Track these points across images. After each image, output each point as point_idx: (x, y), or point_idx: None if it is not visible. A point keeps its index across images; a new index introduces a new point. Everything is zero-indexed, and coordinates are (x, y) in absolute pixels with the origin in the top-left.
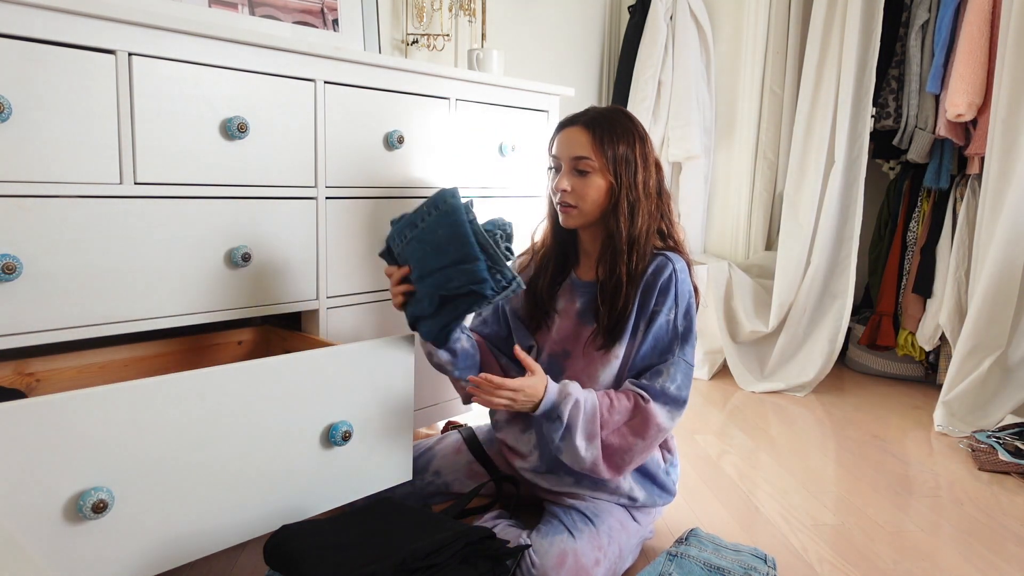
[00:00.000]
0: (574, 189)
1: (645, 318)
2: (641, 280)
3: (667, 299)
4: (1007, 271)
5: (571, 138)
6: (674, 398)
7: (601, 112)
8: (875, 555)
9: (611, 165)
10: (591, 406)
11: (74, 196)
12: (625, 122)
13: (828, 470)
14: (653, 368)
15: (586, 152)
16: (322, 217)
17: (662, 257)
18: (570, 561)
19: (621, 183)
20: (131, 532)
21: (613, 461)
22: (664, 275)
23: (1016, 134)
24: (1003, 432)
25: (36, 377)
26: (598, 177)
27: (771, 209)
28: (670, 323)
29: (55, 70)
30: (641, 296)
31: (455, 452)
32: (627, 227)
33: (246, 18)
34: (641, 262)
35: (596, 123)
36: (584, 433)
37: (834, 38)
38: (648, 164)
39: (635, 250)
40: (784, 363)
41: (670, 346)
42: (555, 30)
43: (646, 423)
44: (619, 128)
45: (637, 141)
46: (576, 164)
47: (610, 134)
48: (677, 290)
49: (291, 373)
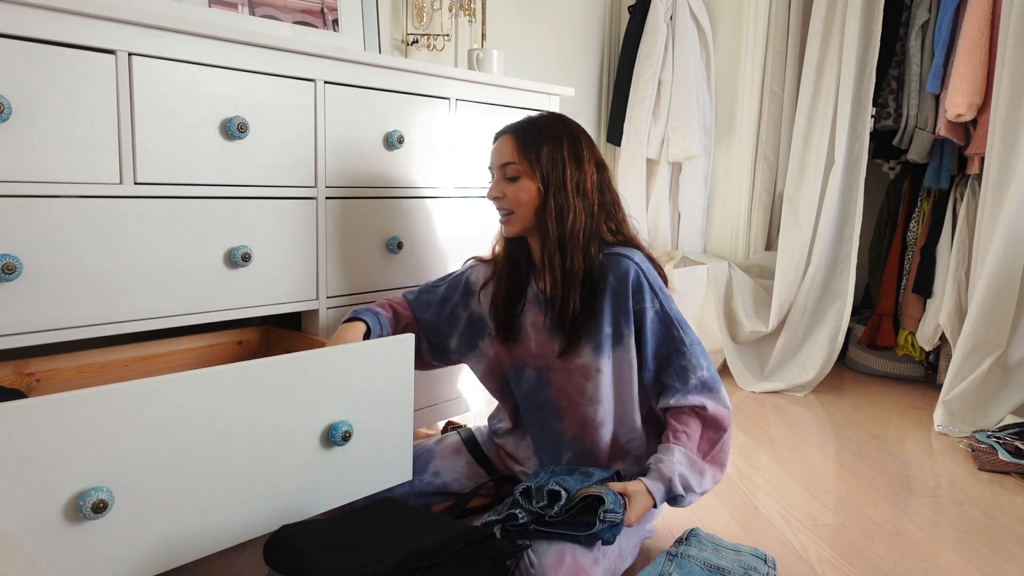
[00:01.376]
0: (505, 195)
1: (628, 323)
2: (584, 280)
3: (644, 294)
4: (1007, 271)
5: (500, 146)
6: (711, 381)
7: (530, 118)
8: (875, 555)
9: (537, 167)
10: (686, 460)
11: (74, 196)
12: (554, 124)
13: (828, 470)
14: (674, 365)
15: (511, 157)
16: (322, 217)
17: (619, 257)
18: (568, 560)
19: (549, 184)
20: (131, 532)
21: (718, 465)
22: (631, 274)
23: (1016, 134)
24: (1003, 432)
25: (36, 377)
26: (527, 181)
27: (771, 209)
28: (659, 313)
29: (55, 70)
30: (613, 300)
31: (454, 452)
32: (555, 227)
33: (246, 18)
34: (578, 262)
35: (522, 128)
36: (698, 482)
37: (834, 38)
38: (582, 163)
39: (568, 250)
40: (784, 363)
41: (671, 333)
42: (555, 30)
43: (718, 424)
44: (545, 130)
45: (566, 141)
46: (505, 171)
47: (534, 137)
48: (649, 281)
49: (291, 373)
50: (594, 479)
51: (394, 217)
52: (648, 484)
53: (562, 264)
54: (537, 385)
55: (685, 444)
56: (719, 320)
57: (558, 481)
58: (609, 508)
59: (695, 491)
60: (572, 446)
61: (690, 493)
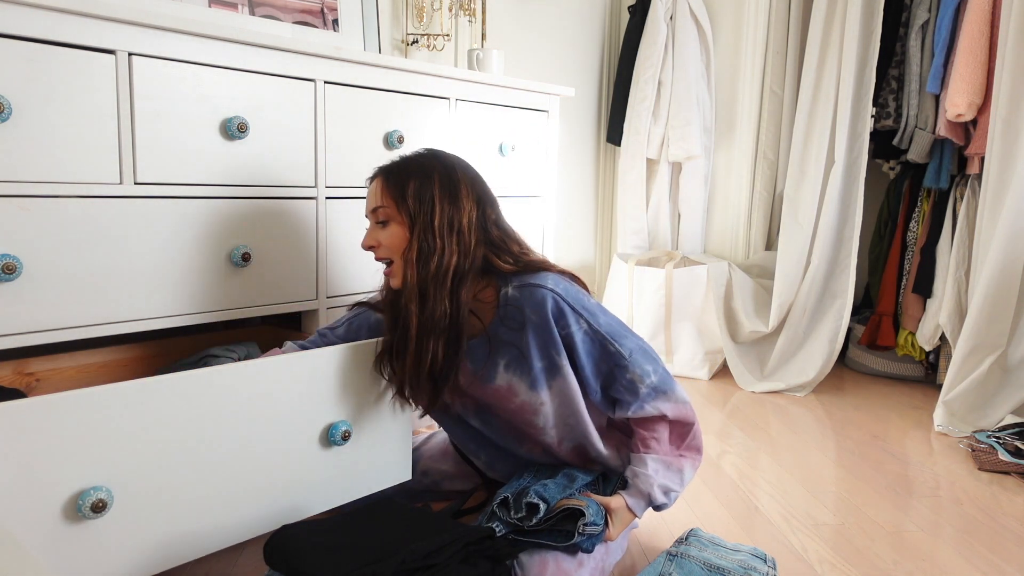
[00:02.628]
0: (380, 243)
1: (559, 351)
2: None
3: (567, 318)
4: (1007, 271)
5: (371, 190)
6: (662, 384)
7: (402, 157)
8: (875, 555)
9: (403, 208)
10: (661, 466)
11: (74, 196)
12: (424, 160)
13: (828, 470)
14: (620, 381)
15: (380, 200)
16: (322, 217)
17: (530, 288)
18: (552, 567)
19: (414, 226)
20: (131, 532)
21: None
22: (548, 303)
23: (1016, 134)
24: (1003, 432)
25: (36, 377)
26: (396, 223)
27: (771, 209)
28: (588, 333)
29: (55, 70)
30: (536, 333)
31: (442, 453)
32: (415, 271)
33: (246, 18)
34: (442, 307)
35: (391, 168)
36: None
37: (834, 38)
38: (457, 199)
39: (430, 295)
40: (784, 363)
41: (607, 349)
42: (555, 30)
43: (683, 422)
44: (413, 167)
45: (436, 177)
46: (376, 215)
47: (401, 174)
48: (569, 304)
49: (291, 373)
50: (577, 483)
51: None
52: (628, 501)
53: (419, 311)
54: (482, 423)
55: (656, 449)
56: (719, 320)
57: (537, 491)
58: (590, 521)
59: (677, 490)
60: (543, 458)
61: (672, 494)
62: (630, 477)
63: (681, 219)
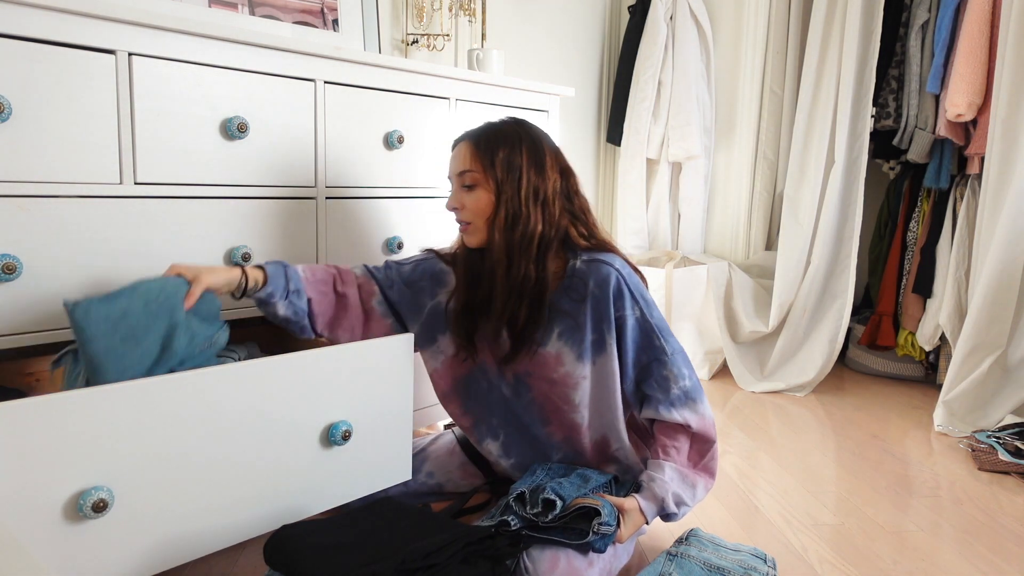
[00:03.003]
0: (464, 205)
1: (610, 329)
2: (534, 291)
3: (624, 300)
4: (1007, 271)
5: (457, 154)
6: (693, 391)
7: (489, 123)
8: (875, 555)
9: (491, 174)
10: (677, 476)
11: (74, 196)
12: (512, 128)
13: (828, 470)
14: (655, 375)
15: (468, 164)
16: (322, 217)
17: (599, 263)
18: (563, 564)
19: (501, 191)
20: (131, 531)
21: (708, 473)
22: (611, 280)
23: (1016, 134)
24: (1003, 432)
25: (36, 377)
26: (483, 188)
27: (771, 209)
28: (640, 321)
29: (55, 70)
30: (594, 307)
31: (448, 453)
32: (503, 235)
33: (246, 18)
34: (529, 271)
35: (479, 134)
36: (691, 496)
37: (834, 38)
38: (543, 169)
39: (516, 260)
40: (784, 363)
41: (651, 342)
42: (555, 30)
43: (705, 437)
44: (502, 135)
45: (524, 147)
46: (463, 179)
47: (490, 142)
48: (630, 287)
49: (291, 373)
50: (591, 484)
51: (394, 217)
52: (642, 503)
53: (507, 275)
54: (514, 393)
55: (675, 459)
56: (719, 320)
57: (554, 488)
58: (604, 521)
59: (688, 505)
60: (561, 447)
61: (683, 507)
62: (645, 481)
63: (681, 219)
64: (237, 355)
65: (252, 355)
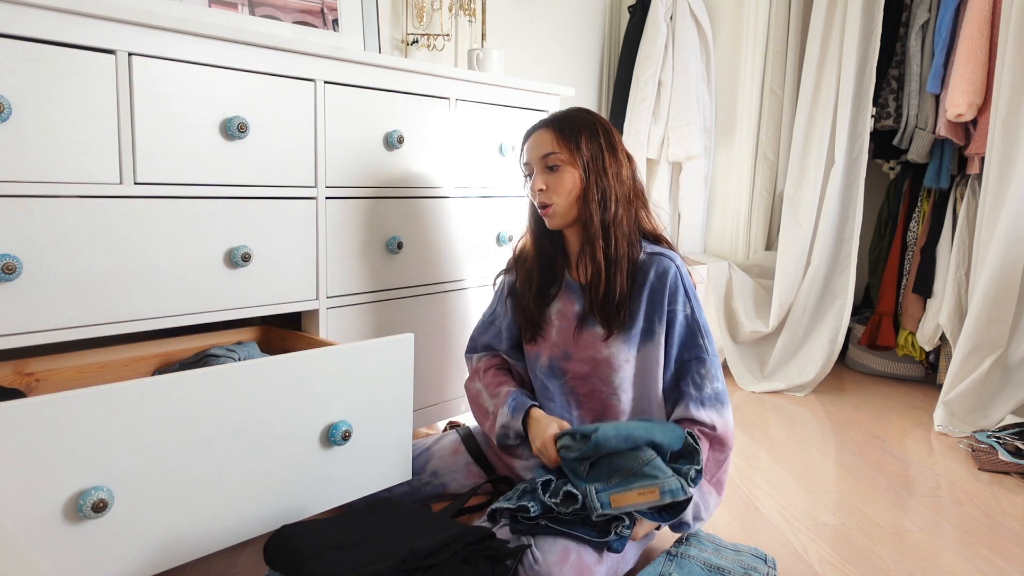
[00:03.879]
0: (548, 186)
1: (661, 320)
2: (627, 266)
3: (679, 297)
4: (1007, 271)
5: (537, 140)
6: (724, 395)
7: (563, 111)
8: (875, 555)
9: (577, 155)
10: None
11: (74, 196)
12: (585, 115)
13: (828, 470)
14: (692, 372)
15: (552, 147)
16: (322, 217)
17: (661, 256)
18: (573, 557)
19: (589, 172)
20: (131, 531)
21: (719, 487)
22: (671, 275)
23: (1016, 134)
24: (1003, 432)
25: (36, 377)
26: (568, 169)
27: (771, 209)
28: (688, 319)
29: (55, 70)
30: (650, 297)
31: (452, 453)
32: (599, 213)
33: (246, 18)
34: (622, 247)
35: (557, 120)
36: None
37: (834, 38)
38: (617, 153)
39: (611, 235)
40: (784, 363)
41: (695, 340)
42: (555, 30)
43: (723, 444)
44: (579, 121)
45: (600, 131)
46: (546, 161)
47: (571, 126)
48: (685, 286)
49: (291, 373)
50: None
51: (394, 217)
52: None
53: (605, 248)
54: (549, 373)
55: None
56: (719, 320)
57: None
58: (627, 524)
59: (702, 519)
60: None
61: (696, 522)
62: None
63: (681, 219)
64: (237, 355)
65: (252, 355)
